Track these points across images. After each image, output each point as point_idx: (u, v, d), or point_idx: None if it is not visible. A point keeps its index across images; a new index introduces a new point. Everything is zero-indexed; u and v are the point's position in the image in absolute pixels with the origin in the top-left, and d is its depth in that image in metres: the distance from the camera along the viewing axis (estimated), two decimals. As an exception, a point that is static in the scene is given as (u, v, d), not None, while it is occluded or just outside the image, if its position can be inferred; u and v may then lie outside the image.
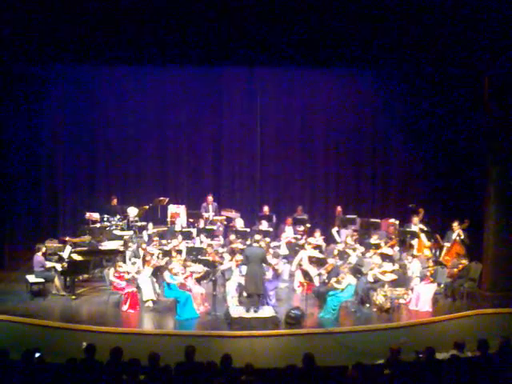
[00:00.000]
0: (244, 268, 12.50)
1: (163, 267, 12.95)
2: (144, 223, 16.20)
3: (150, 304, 12.76)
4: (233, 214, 16.86)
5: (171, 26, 13.12)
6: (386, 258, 13.43)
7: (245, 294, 12.54)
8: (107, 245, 14.94)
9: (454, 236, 14.54)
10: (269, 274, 12.91)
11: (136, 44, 13.70)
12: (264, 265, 12.52)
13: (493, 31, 13.18)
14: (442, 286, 13.61)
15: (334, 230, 16.17)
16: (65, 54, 14.31)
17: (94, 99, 17.73)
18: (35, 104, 16.95)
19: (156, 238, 14.78)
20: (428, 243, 14.78)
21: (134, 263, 13.57)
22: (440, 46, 13.77)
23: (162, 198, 17.14)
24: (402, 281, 13.15)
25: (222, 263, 13.53)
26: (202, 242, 14.83)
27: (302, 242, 15.27)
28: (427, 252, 14.46)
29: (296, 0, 12.80)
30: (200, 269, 13.05)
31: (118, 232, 15.85)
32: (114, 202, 16.82)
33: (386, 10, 12.84)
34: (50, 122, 17.39)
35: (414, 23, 13.17)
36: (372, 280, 12.88)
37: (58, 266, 13.63)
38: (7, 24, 13.04)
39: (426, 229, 15.19)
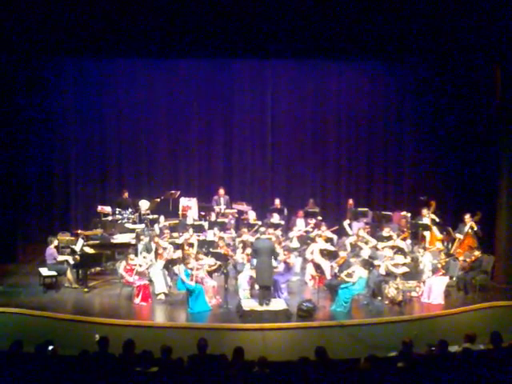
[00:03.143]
0: (255, 261, 12.50)
1: (176, 260, 12.98)
2: (155, 216, 16.23)
3: (162, 297, 12.80)
4: (244, 206, 16.86)
5: (183, 18, 13.12)
6: (398, 250, 13.38)
7: (256, 286, 12.55)
8: (119, 238, 15.00)
9: (467, 228, 14.47)
10: (280, 267, 12.92)
11: (147, 37, 13.70)
12: (274, 258, 12.58)
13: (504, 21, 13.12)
14: (455, 278, 13.56)
15: (346, 223, 16.13)
16: (77, 48, 14.33)
17: (105, 92, 17.77)
18: (47, 98, 16.97)
19: (167, 231, 14.80)
20: (440, 236, 14.73)
21: (144, 257, 13.61)
22: (452, 37, 13.69)
23: (173, 191, 17.16)
24: (413, 274, 13.11)
25: (233, 256, 13.53)
26: (214, 235, 14.84)
27: (313, 234, 15.25)
28: (439, 245, 14.41)
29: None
30: (212, 262, 13.06)
31: (129, 225, 15.91)
32: (126, 195, 16.86)
33: (399, 1, 12.79)
34: (62, 115, 17.41)
35: (426, 13, 13.10)
36: (384, 273, 12.86)
37: (71, 259, 13.70)
38: (17, 18, 13.09)
39: (437, 220, 15.14)
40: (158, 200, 16.86)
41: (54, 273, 13.32)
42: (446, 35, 13.75)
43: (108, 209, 16.44)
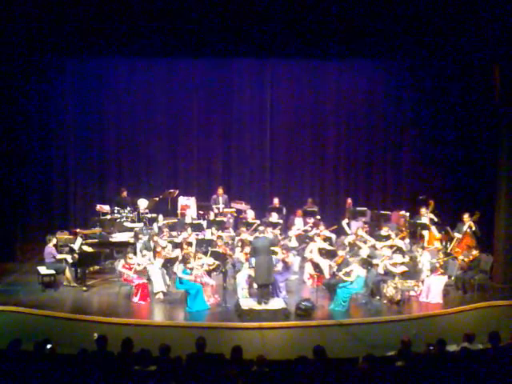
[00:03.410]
0: (254, 260, 12.50)
1: (174, 259, 12.98)
2: (154, 215, 16.22)
3: (161, 296, 12.79)
4: (243, 206, 16.85)
5: (182, 18, 13.14)
6: (396, 250, 13.38)
7: (255, 285, 12.55)
8: (118, 237, 15.01)
9: (465, 228, 14.46)
10: (279, 266, 12.92)
11: (147, 36, 13.72)
12: (274, 257, 12.57)
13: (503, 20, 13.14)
14: (453, 278, 13.57)
15: (345, 222, 16.13)
16: (77, 48, 14.36)
17: (104, 91, 17.75)
18: (46, 97, 16.93)
19: (165, 230, 14.80)
20: (438, 235, 14.72)
21: (144, 255, 13.60)
22: (451, 35, 13.71)
23: (172, 190, 17.16)
24: (412, 273, 13.11)
25: (232, 255, 13.53)
26: (212, 234, 14.84)
27: (312, 233, 15.25)
28: (438, 244, 14.41)
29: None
30: (211, 261, 13.06)
31: (128, 224, 15.90)
32: (124, 194, 16.84)
33: (398, 1, 12.81)
34: (60, 114, 17.37)
35: (426, 13, 13.11)
36: (382, 272, 12.86)
37: (69, 258, 13.70)
38: (17, 18, 13.12)
39: (436, 219, 15.15)
40: (157, 199, 16.87)
41: (52, 271, 13.31)
42: (445, 35, 13.76)
43: (107, 207, 16.44)
